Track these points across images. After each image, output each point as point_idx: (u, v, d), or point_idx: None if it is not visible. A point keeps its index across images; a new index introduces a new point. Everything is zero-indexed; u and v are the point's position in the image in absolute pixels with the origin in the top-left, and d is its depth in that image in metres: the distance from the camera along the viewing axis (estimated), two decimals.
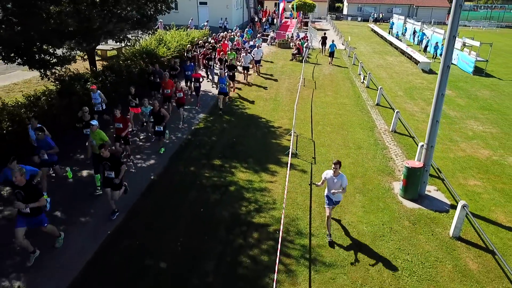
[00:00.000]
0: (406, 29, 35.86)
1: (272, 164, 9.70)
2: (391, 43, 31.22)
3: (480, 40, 22.78)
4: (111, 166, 6.85)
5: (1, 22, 7.67)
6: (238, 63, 18.95)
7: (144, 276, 5.88)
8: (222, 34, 23.82)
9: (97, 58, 18.12)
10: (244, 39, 23.65)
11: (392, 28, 39.53)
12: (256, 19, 39.23)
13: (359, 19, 55.00)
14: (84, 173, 8.96)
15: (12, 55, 8.56)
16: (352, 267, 6.23)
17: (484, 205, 8.32)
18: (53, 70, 9.90)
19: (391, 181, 9.15)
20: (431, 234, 7.20)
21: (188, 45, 18.39)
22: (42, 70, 9.56)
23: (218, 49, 18.61)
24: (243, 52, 18.80)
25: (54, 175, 8.59)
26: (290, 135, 10.99)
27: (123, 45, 15.20)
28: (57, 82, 10.70)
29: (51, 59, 9.30)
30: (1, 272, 5.82)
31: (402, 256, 6.54)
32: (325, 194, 6.92)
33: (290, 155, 9.67)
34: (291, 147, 10.03)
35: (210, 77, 17.33)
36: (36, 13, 8.68)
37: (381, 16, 52.95)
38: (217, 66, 17.92)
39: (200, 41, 19.37)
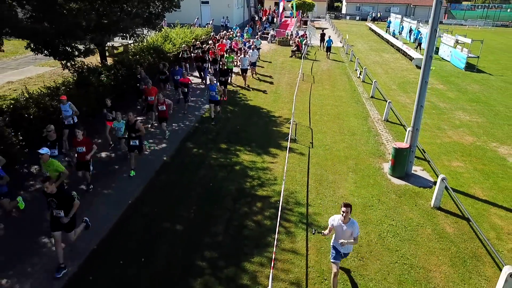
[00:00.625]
0: (402, 28, 36.78)
1: (273, 148, 10.61)
2: (387, 41, 32.15)
3: (474, 38, 23.72)
4: (59, 204, 5.61)
5: (29, 17, 8.54)
6: (235, 65, 18.23)
7: (163, 237, 6.79)
8: (221, 33, 23.01)
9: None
10: (244, 39, 23.30)
11: (389, 27, 40.43)
12: (257, 18, 40.13)
13: (358, 18, 55.94)
14: (103, 154, 9.87)
15: (40, 47, 9.46)
16: None
17: (464, 182, 9.24)
18: (73, 62, 10.78)
19: (381, 162, 10.06)
20: (415, 205, 8.12)
21: (184, 45, 17.96)
22: (64, 62, 10.45)
23: (210, 51, 17.84)
24: (240, 53, 18.21)
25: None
26: (290, 123, 11.90)
27: (130, 41, 16.09)
28: (75, 74, 11.61)
29: (73, 51, 10.18)
30: (40, 231, 6.73)
31: (387, 222, 7.46)
32: (331, 244, 5.62)
33: (289, 140, 10.60)
34: (290, 133, 10.96)
35: (204, 80, 16.96)
36: (57, 9, 9.60)
37: (379, 15, 53.88)
38: (210, 68, 17.50)
39: (197, 42, 18.50)
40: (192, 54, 17.42)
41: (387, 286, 5.85)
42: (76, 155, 7.84)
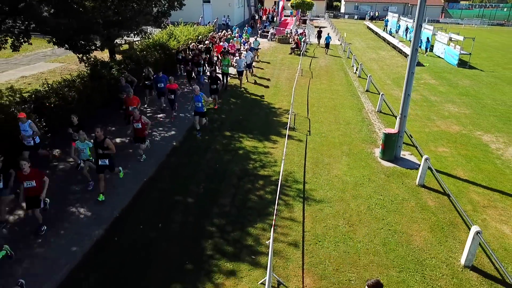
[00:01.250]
0: (399, 26, 37.65)
1: (273, 135, 11.48)
2: (384, 39, 33.02)
3: (470, 37, 24.60)
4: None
5: (51, 14, 9.39)
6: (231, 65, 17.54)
7: (176, 207, 7.66)
8: (219, 33, 22.98)
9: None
10: (243, 39, 22.87)
11: (387, 26, 41.31)
12: (257, 17, 40.98)
13: (356, 17, 56.81)
14: (117, 140, 10.73)
15: (61, 41, 10.32)
16: (336, 202, 8.03)
17: (448, 165, 10.12)
18: (88, 56, 11.65)
19: (373, 148, 10.94)
20: (401, 183, 9.00)
21: (179, 46, 17.71)
22: (80, 55, 11.32)
23: (216, 45, 17.61)
24: (237, 55, 17.83)
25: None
26: (289, 114, 12.77)
27: (137, 38, 16.92)
28: (88, 67, 12.49)
29: (90, 45, 11.04)
30: (72, 202, 7.60)
31: (376, 197, 8.34)
32: None
33: (288, 129, 11.48)
34: (289, 122, 11.84)
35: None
36: (74, 7, 10.46)
37: (377, 14, 54.75)
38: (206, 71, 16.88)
39: (192, 44, 18.14)
40: (189, 56, 16.73)
41: (373, 247, 6.72)
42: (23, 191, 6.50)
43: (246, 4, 40.74)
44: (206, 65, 17.47)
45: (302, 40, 26.02)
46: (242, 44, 21.44)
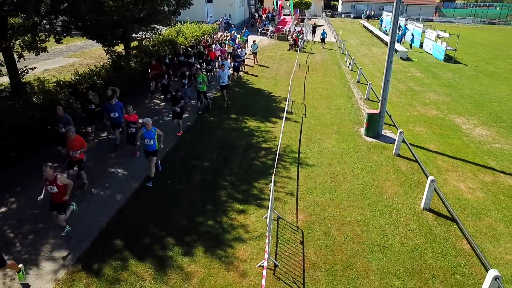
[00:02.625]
0: None
1: (273, 118, 13.25)
2: (378, 37, 34.80)
3: (462, 35, 26.40)
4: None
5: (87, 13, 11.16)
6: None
7: (195, 169, 9.41)
8: (214, 36, 22.14)
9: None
10: (237, 42, 21.76)
11: (381, 24, 43.07)
12: (257, 16, 42.74)
13: (352, 16, 58.60)
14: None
15: (92, 36, 12.06)
16: (325, 166, 9.79)
17: (422, 140, 11.89)
18: (112, 49, 13.40)
19: (359, 128, 12.70)
20: (381, 153, 10.77)
21: (166, 51, 16.35)
22: (106, 48, 13.08)
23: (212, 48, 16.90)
24: (228, 60, 16.61)
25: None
26: (287, 100, 14.51)
27: (146, 35, 18.61)
28: (111, 59, 14.26)
29: (117, 38, 12.77)
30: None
31: (358, 162, 10.11)
32: None
33: (286, 112, 13.22)
34: (287, 107, 13.57)
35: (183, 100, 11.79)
36: (105, 6, 12.21)
37: (372, 13, 56.52)
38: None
39: (181, 48, 17.38)
40: (176, 62, 15.74)
41: (352, 196, 8.49)
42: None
43: (246, 4, 42.48)
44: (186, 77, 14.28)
45: (300, 38, 27.78)
46: (236, 48, 19.66)
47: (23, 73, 11.44)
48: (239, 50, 19.69)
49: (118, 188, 8.41)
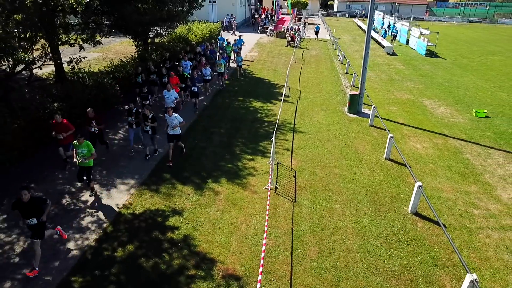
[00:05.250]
0: (383, 23, 42.31)
1: (273, 100, 16.11)
2: None
3: (449, 33, 29.26)
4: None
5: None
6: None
7: (215, 134, 12.26)
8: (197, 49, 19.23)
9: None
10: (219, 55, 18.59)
11: (373, 23, 45.96)
12: (257, 15, 45.56)
13: (347, 15, 61.48)
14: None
15: (128, 31, 14.93)
16: (314, 133, 12.66)
17: (393, 116, 14.77)
18: (141, 42, 16.24)
19: (344, 107, 15.56)
20: (358, 125, 13.65)
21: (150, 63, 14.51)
22: (136, 43, 15.93)
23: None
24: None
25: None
26: (285, 86, 17.38)
27: (164, 33, 21.43)
28: (136, 52, 17.10)
29: (148, 34, 15.58)
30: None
31: (340, 130, 12.98)
32: None
33: (284, 95, 16.10)
34: (284, 91, 16.45)
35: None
36: (139, 8, 15.07)
37: (365, 13, 59.40)
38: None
39: (166, 54, 16.16)
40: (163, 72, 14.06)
41: (333, 151, 11.35)
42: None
43: (247, 4, 45.31)
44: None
45: (296, 35, 30.62)
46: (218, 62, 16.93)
47: (77, 62, 14.23)
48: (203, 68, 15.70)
49: (160, 144, 11.27)
